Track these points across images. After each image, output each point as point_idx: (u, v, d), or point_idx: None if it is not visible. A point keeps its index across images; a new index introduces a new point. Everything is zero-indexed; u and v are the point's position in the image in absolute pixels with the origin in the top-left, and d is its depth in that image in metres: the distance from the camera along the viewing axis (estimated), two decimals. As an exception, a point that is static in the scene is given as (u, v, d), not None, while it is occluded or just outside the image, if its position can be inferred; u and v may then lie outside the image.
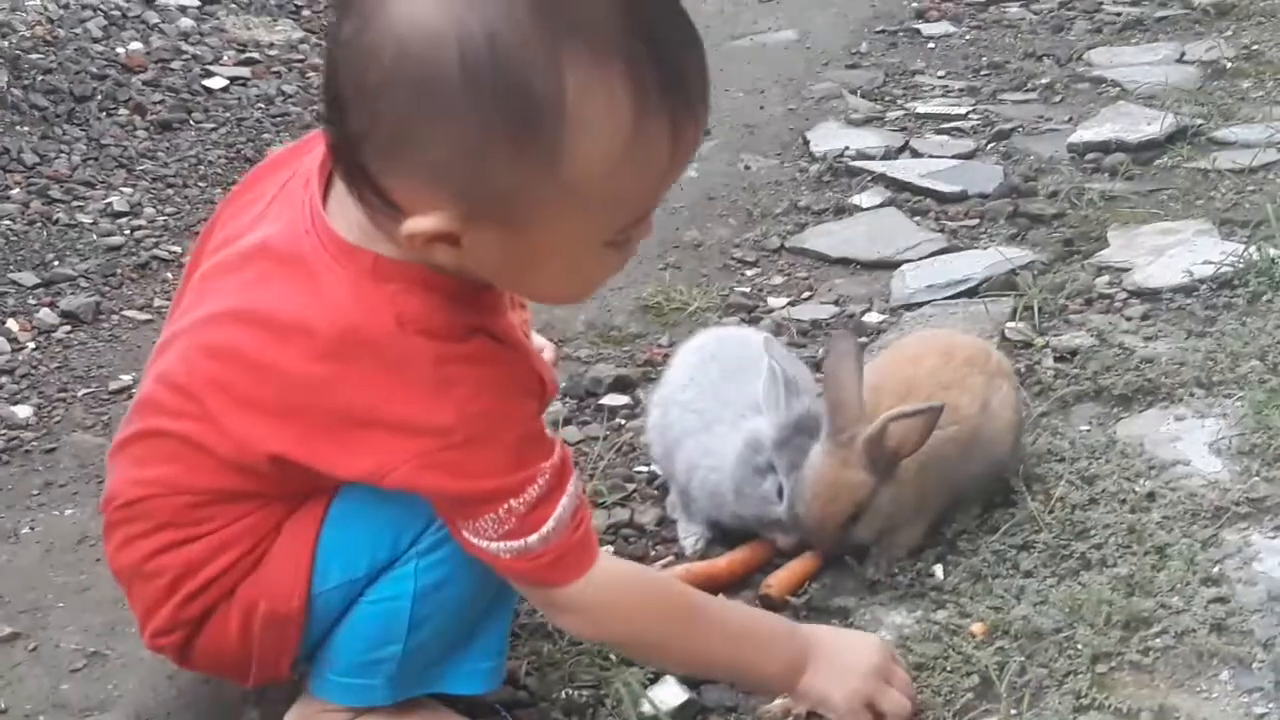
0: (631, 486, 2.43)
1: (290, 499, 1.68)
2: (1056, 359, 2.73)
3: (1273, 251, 2.97)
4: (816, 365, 2.61)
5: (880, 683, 1.82)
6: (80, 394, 2.79)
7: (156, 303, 3.19)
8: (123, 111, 4.17)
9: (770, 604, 2.07)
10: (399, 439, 1.54)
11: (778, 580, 2.11)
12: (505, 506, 1.57)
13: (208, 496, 1.66)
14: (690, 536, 2.25)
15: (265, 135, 4.26)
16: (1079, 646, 1.92)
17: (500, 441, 1.56)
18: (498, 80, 1.37)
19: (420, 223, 1.45)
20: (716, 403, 2.23)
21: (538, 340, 2.03)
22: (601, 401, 2.72)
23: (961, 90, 4.69)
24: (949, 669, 1.91)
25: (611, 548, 2.25)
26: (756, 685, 1.89)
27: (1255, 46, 4.76)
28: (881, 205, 3.71)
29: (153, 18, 4.74)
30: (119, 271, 3.33)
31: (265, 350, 1.56)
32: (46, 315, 3.09)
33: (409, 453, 1.54)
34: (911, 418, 2.04)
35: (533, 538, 1.59)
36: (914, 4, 5.74)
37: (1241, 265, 2.96)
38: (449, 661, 1.78)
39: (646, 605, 1.75)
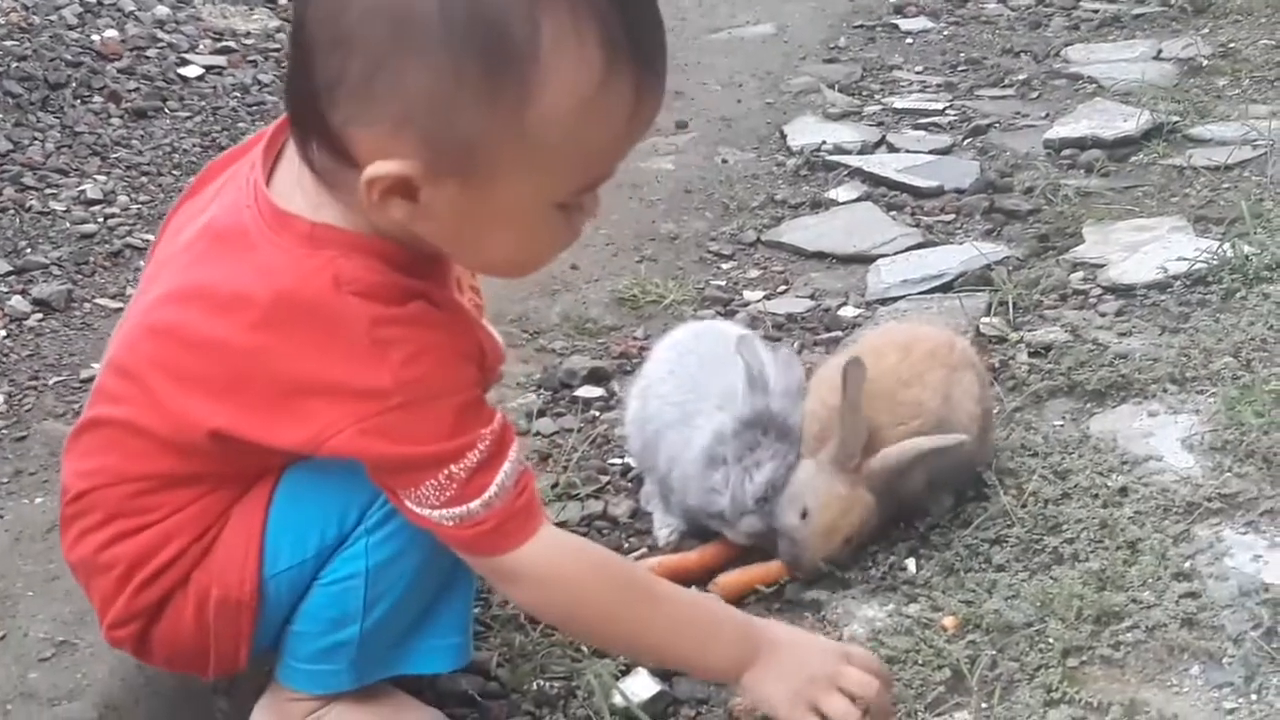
0: (605, 479, 2.43)
1: (235, 483, 1.68)
2: (1030, 354, 2.74)
3: (1247, 248, 2.98)
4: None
5: (826, 687, 1.73)
6: (52, 382, 2.77)
7: (129, 291, 3.17)
8: (97, 99, 4.15)
9: None
10: (336, 404, 1.52)
11: (725, 581, 2.11)
12: (445, 472, 1.55)
13: (150, 483, 1.66)
14: (665, 528, 2.25)
15: (240, 124, 4.24)
16: (1050, 640, 1.92)
17: (439, 406, 1.54)
18: (475, 20, 1.38)
19: (383, 166, 1.44)
20: (695, 395, 2.23)
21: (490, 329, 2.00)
22: (576, 394, 2.72)
23: (939, 86, 4.70)
24: (920, 662, 1.91)
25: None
26: (701, 674, 1.88)
27: (1232, 44, 4.78)
28: (858, 199, 3.72)
29: (128, 5, 4.71)
30: (91, 259, 3.31)
31: (202, 325, 1.56)
32: (18, 303, 3.07)
33: (346, 417, 1.52)
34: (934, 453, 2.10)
35: (475, 504, 1.57)
36: (892, -1, 5.76)
37: (1216, 262, 2.97)
38: (411, 641, 1.76)
39: (590, 576, 1.69)
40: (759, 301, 3.14)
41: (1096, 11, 5.37)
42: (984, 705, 1.84)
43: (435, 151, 1.44)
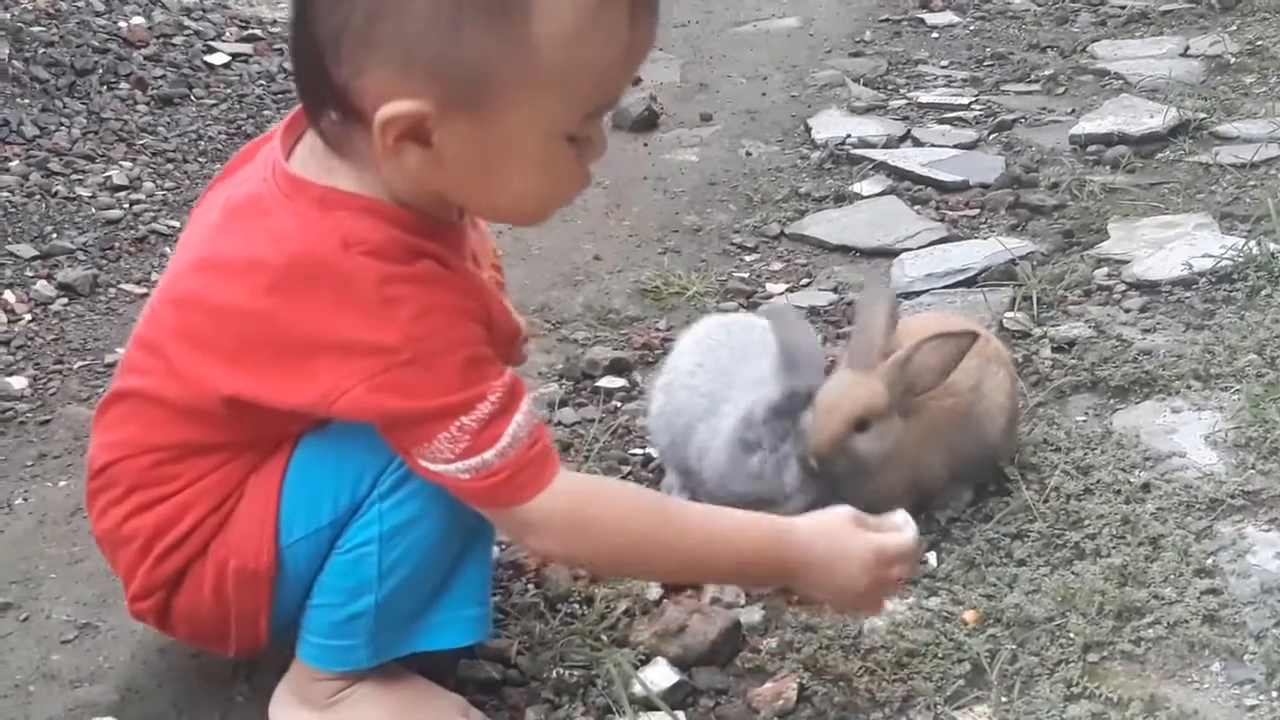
0: (627, 469, 2.43)
1: (252, 452, 1.69)
2: (1054, 349, 2.73)
3: (1272, 246, 2.97)
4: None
5: (874, 599, 1.80)
6: (76, 366, 2.79)
7: (154, 276, 3.18)
8: (124, 86, 4.17)
9: None
10: (345, 361, 1.54)
11: None
12: (457, 424, 1.56)
13: (170, 453, 1.69)
14: None
15: (266, 112, 4.25)
16: (1071, 635, 1.92)
17: (447, 361, 1.56)
18: None
19: (395, 107, 1.48)
20: (724, 385, 2.23)
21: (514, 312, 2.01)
22: (598, 384, 2.72)
23: (964, 80, 4.69)
24: (940, 656, 1.91)
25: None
26: (740, 586, 1.95)
27: (1259, 42, 4.76)
28: (882, 193, 3.72)
29: (155, -8, 4.74)
30: (117, 245, 3.33)
31: (219, 291, 1.60)
32: (44, 287, 3.08)
33: (356, 374, 1.54)
34: (940, 341, 2.08)
35: (489, 453, 1.57)
36: (918, -7, 5.74)
37: (1241, 259, 2.96)
38: (429, 615, 1.76)
39: (612, 514, 1.69)
40: (782, 294, 3.13)
41: (1124, 8, 5.35)
42: (1004, 699, 1.84)
43: (444, 83, 1.48)
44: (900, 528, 1.78)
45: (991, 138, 4.12)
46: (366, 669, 1.77)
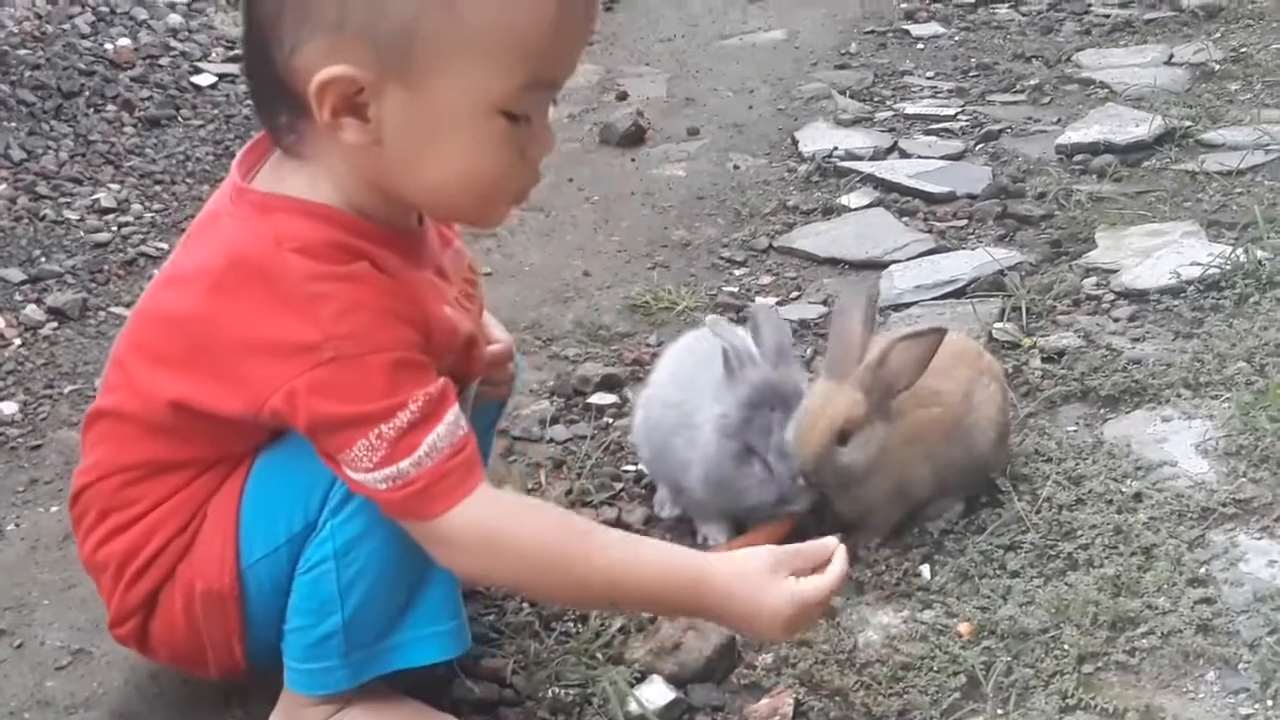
0: (619, 485, 2.43)
1: (213, 471, 1.71)
2: (1044, 359, 2.74)
3: (1260, 254, 2.98)
4: (807, 364, 2.62)
5: (788, 634, 1.72)
6: (67, 390, 2.78)
7: (143, 299, 3.17)
8: (111, 108, 4.16)
9: None
10: (272, 363, 1.56)
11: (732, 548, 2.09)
12: (376, 432, 1.55)
13: (135, 473, 1.71)
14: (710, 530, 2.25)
15: (253, 132, 4.21)
16: (1065, 647, 1.92)
17: (370, 364, 1.55)
18: None
19: (329, 71, 1.50)
20: (691, 392, 2.23)
21: (497, 332, 2.00)
22: (589, 400, 2.72)
23: (950, 91, 4.70)
24: (936, 669, 1.91)
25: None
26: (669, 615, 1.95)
27: (1243, 49, 4.77)
28: (870, 205, 3.72)
29: (141, 14, 4.72)
30: (106, 268, 3.32)
31: (170, 300, 1.66)
32: (33, 312, 3.07)
33: (281, 375, 1.55)
34: (911, 341, 2.08)
35: (405, 463, 1.56)
36: (903, 4, 5.75)
37: (1229, 267, 2.97)
38: (402, 630, 1.74)
39: (530, 537, 1.65)
40: (771, 308, 3.13)
41: (1108, 16, 5.37)
42: (1000, 711, 1.84)
43: (374, 46, 1.50)
44: (828, 557, 1.71)
45: (978, 148, 4.12)
46: (351, 691, 1.76)
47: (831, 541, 1.73)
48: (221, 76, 4.55)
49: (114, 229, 3.52)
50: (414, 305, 1.61)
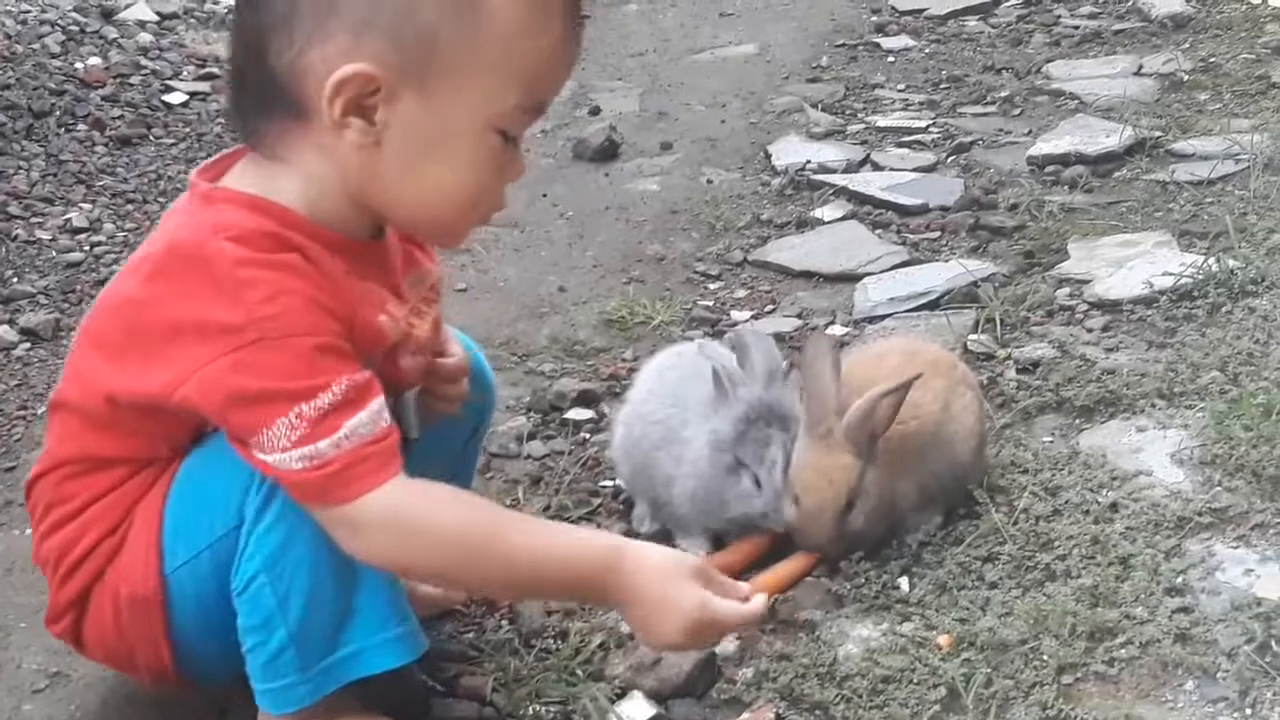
0: (597, 501, 2.42)
1: (145, 473, 1.72)
2: (1018, 370, 2.75)
3: (1232, 263, 2.99)
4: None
5: (684, 646, 1.80)
6: (40, 411, 2.76)
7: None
8: (82, 127, 4.15)
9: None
10: (198, 342, 1.58)
11: (763, 580, 2.09)
12: (296, 410, 1.56)
13: (74, 467, 1.73)
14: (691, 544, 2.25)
15: (225, 150, 4.23)
16: (1044, 658, 1.93)
17: (294, 345, 1.57)
18: None
19: (350, 68, 1.55)
20: (677, 408, 2.24)
21: (453, 346, 1.97)
22: (566, 416, 2.71)
23: (921, 104, 4.71)
24: (915, 681, 1.91)
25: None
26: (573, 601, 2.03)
27: (1212, 59, 4.80)
28: (843, 218, 3.73)
29: (111, 33, 4.72)
30: (78, 288, 3.31)
31: (114, 289, 1.70)
32: (5, 332, 3.06)
33: (205, 355, 1.57)
34: (895, 393, 2.09)
35: (323, 443, 1.57)
36: (873, 18, 5.77)
37: (1201, 277, 2.98)
38: (352, 639, 1.72)
39: (444, 524, 1.66)
40: (746, 321, 3.14)
41: (1077, 28, 5.39)
42: (980, 723, 1.85)
43: (398, 50, 1.56)
44: (743, 599, 1.76)
45: (950, 160, 4.14)
46: (324, 710, 1.75)
47: (760, 598, 1.79)
48: (193, 95, 4.54)
49: (86, 249, 3.51)
50: (339, 302, 1.62)
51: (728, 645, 2.02)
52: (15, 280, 3.30)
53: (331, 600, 1.71)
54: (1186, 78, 4.64)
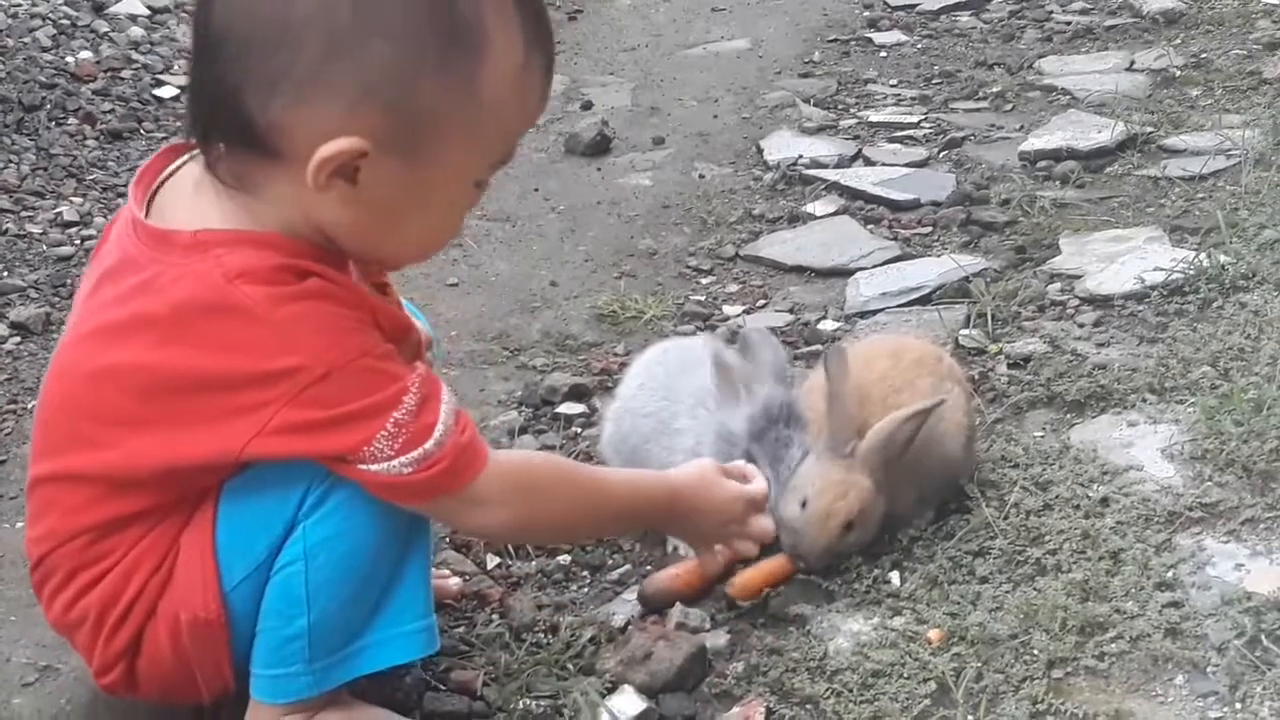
0: (588, 495, 2.42)
1: (177, 511, 1.70)
2: (1010, 366, 2.75)
3: (1223, 258, 2.99)
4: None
5: (737, 531, 2.02)
6: (30, 406, 2.76)
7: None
8: (72, 121, 4.14)
9: (730, 603, 2.09)
10: (256, 393, 1.57)
11: (743, 581, 2.10)
12: (392, 420, 1.60)
13: (99, 532, 1.69)
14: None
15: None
16: (1035, 652, 1.93)
17: (359, 366, 1.59)
18: (432, 1, 1.56)
19: (339, 144, 1.55)
20: (668, 401, 2.24)
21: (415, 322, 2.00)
22: (558, 410, 2.71)
23: (913, 99, 4.71)
24: (906, 675, 1.92)
25: (569, 555, 2.25)
26: (641, 531, 2.16)
27: (1203, 55, 4.80)
28: (835, 213, 3.73)
29: (103, 27, 4.70)
30: (69, 282, 3.30)
31: (109, 356, 1.62)
32: (-4, 326, 3.06)
33: (271, 404, 1.57)
34: (917, 418, 2.11)
35: (429, 443, 1.62)
36: (866, 13, 5.77)
37: (1192, 272, 2.99)
38: (371, 633, 1.74)
39: (552, 479, 1.82)
40: (738, 316, 3.14)
41: (1069, 24, 5.39)
42: (970, 717, 1.84)
43: (391, 125, 1.57)
44: (752, 479, 2.04)
45: (942, 155, 4.14)
46: (315, 699, 1.75)
47: (747, 465, 2.08)
48: (184, 89, 4.51)
49: (77, 242, 3.50)
50: (367, 308, 1.65)
51: (719, 639, 2.03)
52: (5, 274, 3.29)
53: (360, 598, 1.72)
54: (1178, 73, 4.64)
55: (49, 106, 4.13)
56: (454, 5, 1.57)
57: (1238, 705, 1.83)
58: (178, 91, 4.50)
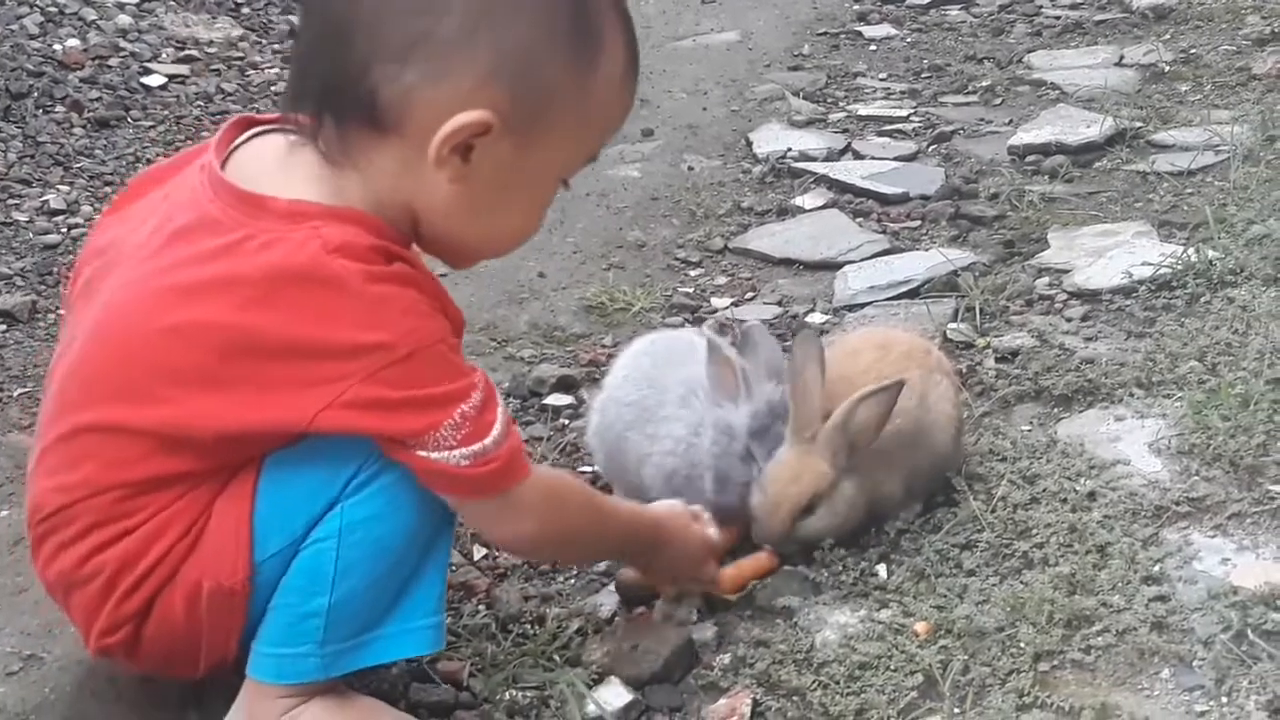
0: (575, 487, 2.42)
1: (218, 477, 1.69)
2: (998, 359, 2.75)
3: (1211, 253, 3.00)
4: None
5: (696, 572, 2.05)
6: (16, 394, 2.75)
7: (94, 302, 3.14)
8: (60, 109, 4.12)
9: (712, 600, 2.09)
10: (340, 365, 1.58)
11: (728, 576, 2.10)
12: (459, 411, 1.62)
13: (134, 489, 1.67)
14: None
15: (204, 133, 4.21)
16: (1021, 645, 1.93)
17: (436, 353, 1.62)
18: None
19: (469, 115, 1.59)
20: (654, 390, 2.23)
21: None
22: (545, 401, 2.71)
23: (903, 92, 4.71)
24: (893, 668, 1.91)
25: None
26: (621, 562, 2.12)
27: (1193, 50, 4.80)
28: (824, 207, 3.73)
29: (90, 14, 4.68)
30: (55, 270, 3.29)
31: (187, 313, 1.61)
32: (-19, 314, 3.04)
33: (355, 373, 1.57)
34: (875, 397, 2.09)
35: (488, 440, 1.64)
36: (855, 6, 5.77)
37: (1180, 267, 2.99)
38: (385, 625, 1.74)
39: (576, 496, 1.86)
40: (726, 308, 3.14)
41: (1058, 18, 5.40)
42: (956, 710, 1.85)
43: (516, 102, 1.61)
44: (705, 524, 2.07)
45: (931, 149, 4.14)
46: (315, 684, 1.74)
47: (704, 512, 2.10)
48: (172, 77, 4.52)
49: (64, 231, 3.49)
50: (441, 296, 1.68)
51: (705, 631, 2.03)
52: (-8, 262, 3.28)
53: (385, 585, 1.73)
54: (1167, 69, 4.64)
55: (36, 94, 4.12)
56: (585, 0, 1.65)
57: (1224, 699, 1.83)
58: (165, 80, 4.48)
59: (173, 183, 1.76)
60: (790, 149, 4.11)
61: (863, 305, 3.10)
